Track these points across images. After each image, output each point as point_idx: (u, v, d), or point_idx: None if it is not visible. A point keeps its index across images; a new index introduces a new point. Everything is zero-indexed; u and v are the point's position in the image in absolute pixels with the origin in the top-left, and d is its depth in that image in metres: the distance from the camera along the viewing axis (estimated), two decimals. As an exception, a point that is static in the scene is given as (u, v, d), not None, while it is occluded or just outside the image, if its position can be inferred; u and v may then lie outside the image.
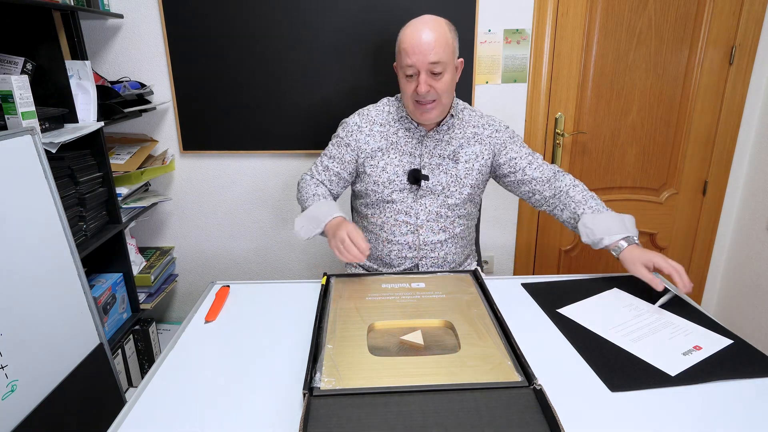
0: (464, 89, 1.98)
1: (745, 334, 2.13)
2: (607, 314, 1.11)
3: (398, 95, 1.43)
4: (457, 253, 1.46)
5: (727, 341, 1.00)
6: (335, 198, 1.47)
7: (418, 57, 1.24)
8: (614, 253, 1.23)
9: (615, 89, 2.02)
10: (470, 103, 2.00)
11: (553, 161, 2.10)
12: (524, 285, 1.26)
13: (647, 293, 1.19)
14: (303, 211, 1.37)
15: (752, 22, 1.94)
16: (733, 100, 2.04)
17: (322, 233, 1.30)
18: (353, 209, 1.55)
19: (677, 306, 1.14)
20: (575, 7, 1.92)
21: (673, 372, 0.90)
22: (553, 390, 0.86)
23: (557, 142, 2.07)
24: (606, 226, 1.25)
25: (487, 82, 1.99)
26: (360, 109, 1.46)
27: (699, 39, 1.96)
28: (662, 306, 1.14)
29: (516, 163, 1.39)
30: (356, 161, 1.42)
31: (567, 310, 1.13)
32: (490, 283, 1.24)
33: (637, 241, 1.23)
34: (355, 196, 1.52)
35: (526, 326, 1.08)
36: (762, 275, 2.05)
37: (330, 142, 1.47)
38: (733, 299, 2.24)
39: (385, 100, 1.46)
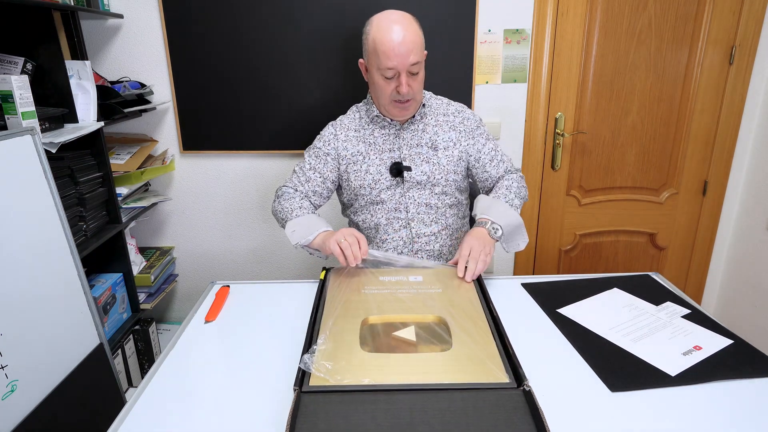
0: (464, 89, 1.98)
1: (745, 334, 2.12)
2: (607, 314, 1.11)
3: (365, 99, 1.45)
4: (453, 246, 1.47)
5: (727, 341, 1.00)
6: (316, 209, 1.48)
7: (400, 60, 1.24)
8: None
9: (615, 89, 2.02)
10: (470, 104, 2.00)
11: (553, 161, 2.11)
12: (524, 285, 1.26)
13: (647, 293, 1.19)
14: (285, 223, 1.37)
15: (752, 22, 1.94)
16: (733, 100, 2.04)
17: (308, 246, 1.30)
18: (348, 219, 1.56)
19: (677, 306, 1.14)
20: (575, 7, 1.92)
21: (673, 372, 0.90)
22: (553, 390, 0.86)
23: (557, 142, 2.07)
24: (485, 206, 1.33)
25: (487, 82, 1.99)
26: (331, 122, 1.47)
27: (699, 39, 1.96)
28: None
29: (480, 157, 1.43)
30: (338, 169, 1.43)
31: (567, 310, 1.13)
32: (490, 283, 1.24)
33: (489, 227, 1.28)
34: (344, 206, 1.53)
35: (526, 326, 1.08)
36: (762, 275, 2.05)
37: (306, 154, 1.46)
38: (733, 299, 2.24)
39: (353, 107, 1.48)
